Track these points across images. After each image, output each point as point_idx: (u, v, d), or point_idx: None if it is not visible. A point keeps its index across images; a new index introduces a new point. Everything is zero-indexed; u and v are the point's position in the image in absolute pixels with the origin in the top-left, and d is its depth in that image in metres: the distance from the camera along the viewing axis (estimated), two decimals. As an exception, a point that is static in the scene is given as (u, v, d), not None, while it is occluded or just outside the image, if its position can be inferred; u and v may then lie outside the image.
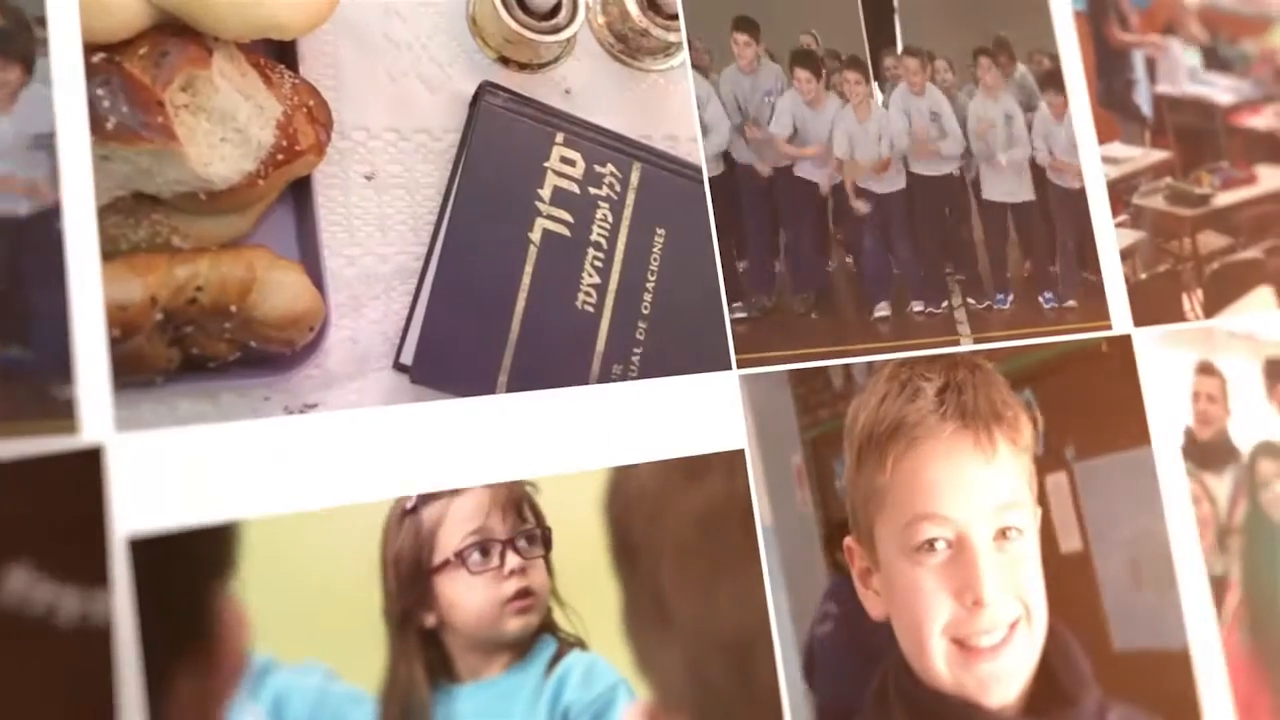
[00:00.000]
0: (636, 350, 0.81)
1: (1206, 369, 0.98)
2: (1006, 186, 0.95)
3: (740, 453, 0.80)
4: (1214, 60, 1.07)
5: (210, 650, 0.64)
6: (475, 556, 0.73)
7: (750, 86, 0.88)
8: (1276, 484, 1.02)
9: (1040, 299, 0.94)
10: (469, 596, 0.72)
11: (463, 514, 0.73)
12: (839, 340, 0.86)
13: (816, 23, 0.90)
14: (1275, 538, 1.01)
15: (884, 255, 0.90)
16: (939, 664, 0.82)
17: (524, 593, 0.73)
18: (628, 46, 0.86)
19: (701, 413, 0.80)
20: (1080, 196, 0.97)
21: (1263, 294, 1.03)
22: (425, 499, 0.72)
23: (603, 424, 0.78)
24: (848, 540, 0.84)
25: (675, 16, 0.86)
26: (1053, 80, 0.97)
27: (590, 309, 0.81)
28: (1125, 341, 0.95)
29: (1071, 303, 0.94)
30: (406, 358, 0.76)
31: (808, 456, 0.84)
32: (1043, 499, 0.88)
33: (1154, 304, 0.97)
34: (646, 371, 0.81)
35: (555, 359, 0.79)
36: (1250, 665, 0.96)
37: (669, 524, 0.77)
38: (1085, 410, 0.93)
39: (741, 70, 0.87)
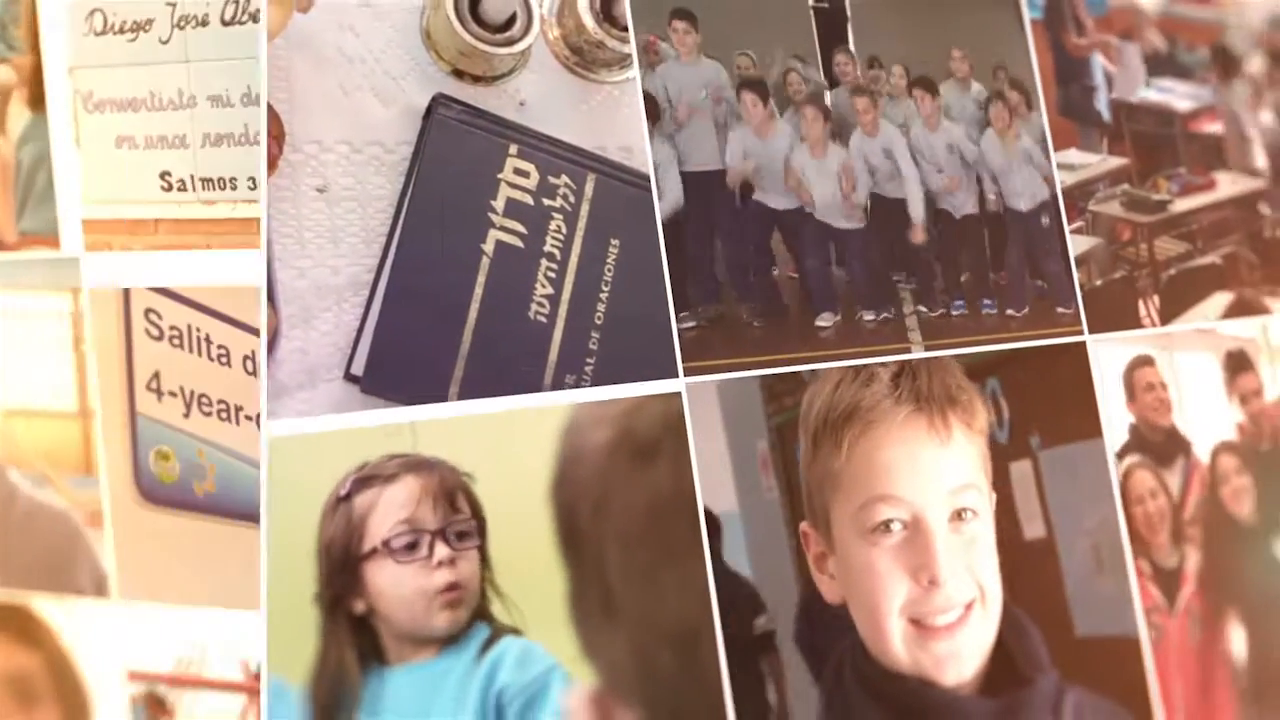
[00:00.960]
0: (589, 360, 0.82)
1: (1148, 361, 0.99)
2: (954, 201, 0.96)
3: (685, 443, 0.81)
4: (1172, 66, 1.07)
5: None
6: (402, 546, 0.74)
7: (689, 79, 0.88)
8: (1235, 478, 1.02)
9: (982, 305, 0.94)
10: (396, 586, 0.74)
11: (394, 503, 0.74)
12: (785, 348, 0.87)
13: (769, 27, 0.91)
14: (1235, 532, 1.01)
15: (828, 270, 0.91)
16: (896, 644, 0.82)
17: (452, 585, 0.74)
18: (582, 59, 0.87)
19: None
20: (1030, 216, 0.97)
21: (1220, 299, 1.04)
22: (359, 486, 0.73)
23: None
24: (803, 525, 0.84)
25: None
26: (1001, 97, 0.98)
27: (543, 319, 0.82)
28: (1080, 349, 0.96)
29: (1024, 311, 0.95)
30: (357, 368, 0.77)
31: (773, 443, 0.85)
32: (1007, 486, 0.89)
33: (1109, 310, 0.98)
34: (599, 381, 0.82)
35: (508, 369, 0.80)
36: (1199, 657, 0.97)
37: (616, 510, 0.78)
38: (1050, 398, 0.94)
39: (681, 61, 0.88)
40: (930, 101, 0.96)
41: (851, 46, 0.93)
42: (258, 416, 0.89)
